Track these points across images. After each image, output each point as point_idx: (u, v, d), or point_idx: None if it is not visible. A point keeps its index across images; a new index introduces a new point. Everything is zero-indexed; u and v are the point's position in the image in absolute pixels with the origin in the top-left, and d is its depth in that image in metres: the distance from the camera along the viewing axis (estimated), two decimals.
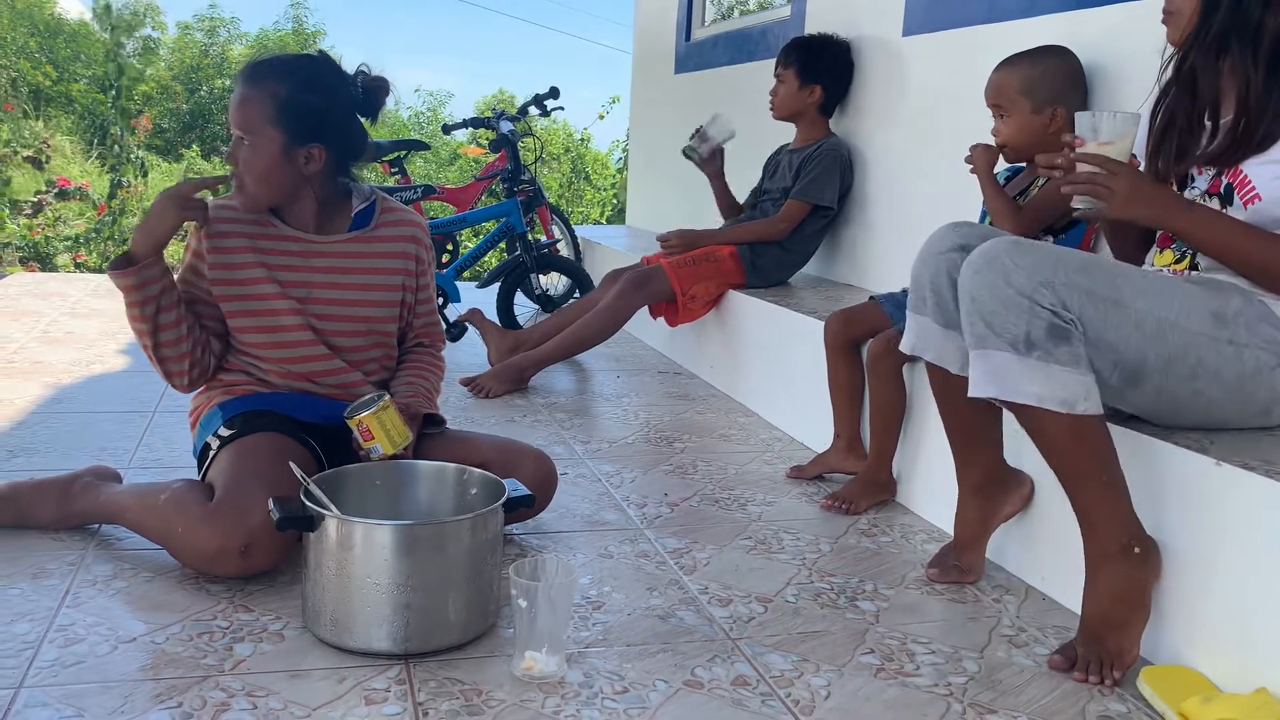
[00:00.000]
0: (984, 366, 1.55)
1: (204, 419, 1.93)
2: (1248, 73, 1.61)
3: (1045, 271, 1.51)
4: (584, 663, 1.52)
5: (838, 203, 3.29)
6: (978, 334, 1.55)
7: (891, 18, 3.19)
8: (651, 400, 3.16)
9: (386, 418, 1.76)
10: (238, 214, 1.91)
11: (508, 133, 4.14)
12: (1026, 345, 1.50)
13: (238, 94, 1.84)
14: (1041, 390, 1.50)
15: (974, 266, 1.57)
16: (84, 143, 13.17)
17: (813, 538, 2.07)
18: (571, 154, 12.24)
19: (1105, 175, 1.57)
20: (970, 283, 1.56)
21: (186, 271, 1.92)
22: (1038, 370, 1.50)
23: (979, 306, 1.54)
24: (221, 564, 1.67)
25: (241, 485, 1.71)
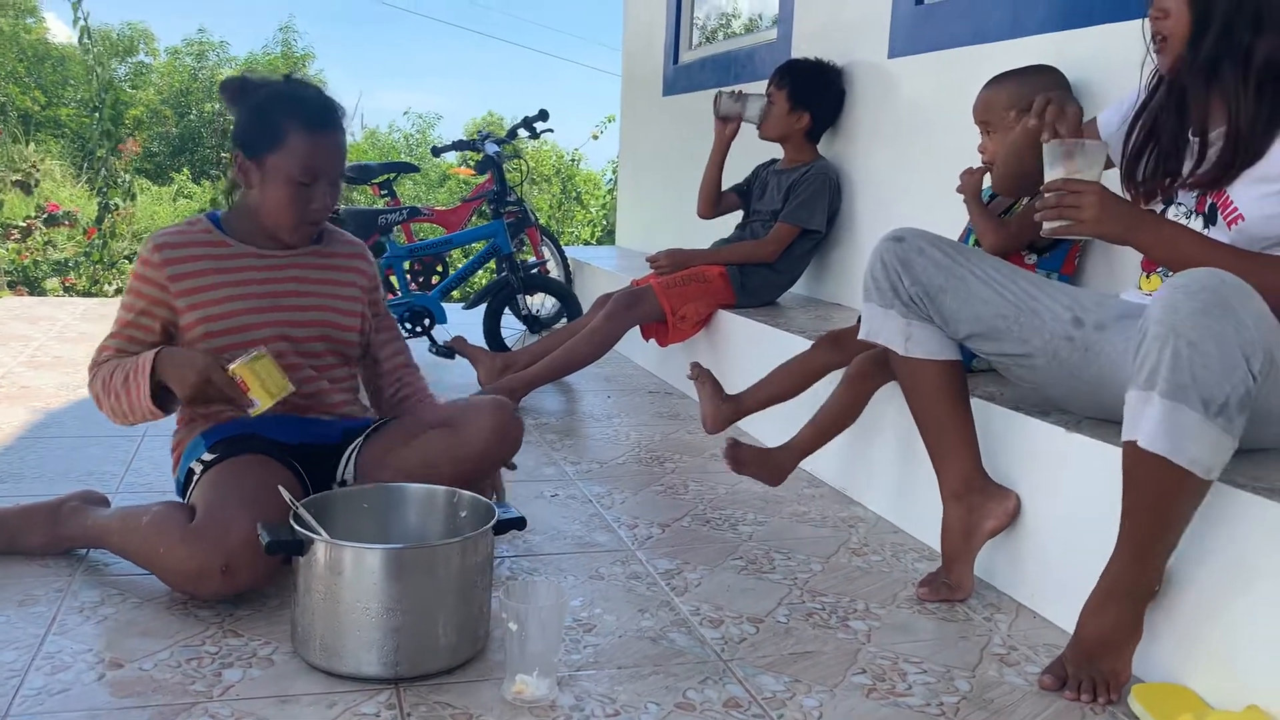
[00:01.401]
0: (1169, 421, 1.39)
1: (187, 448, 1.93)
2: (1237, 97, 1.61)
3: (1263, 327, 1.40)
4: (575, 686, 1.51)
5: (826, 225, 3.31)
6: (1178, 383, 1.37)
7: (877, 40, 3.21)
8: (642, 420, 3.16)
9: (260, 367, 1.75)
10: (192, 239, 1.92)
11: (493, 154, 4.16)
12: (1219, 411, 1.37)
13: (338, 138, 1.89)
14: (1200, 455, 1.39)
15: (1200, 304, 1.37)
16: (73, 167, 13.16)
17: (804, 557, 2.07)
18: (562, 175, 12.27)
19: (1073, 196, 1.59)
20: (1191, 324, 1.37)
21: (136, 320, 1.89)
22: (1212, 437, 1.38)
23: (1194, 353, 1.36)
24: (203, 584, 1.67)
25: (221, 505, 1.71)
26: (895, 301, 1.84)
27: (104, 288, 7.29)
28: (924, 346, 1.85)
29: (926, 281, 1.80)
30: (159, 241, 1.91)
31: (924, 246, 1.82)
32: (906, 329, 1.85)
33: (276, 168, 1.86)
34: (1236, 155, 1.63)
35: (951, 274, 1.80)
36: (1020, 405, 1.95)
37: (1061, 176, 1.61)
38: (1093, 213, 1.58)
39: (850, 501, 2.45)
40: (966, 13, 2.83)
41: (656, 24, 5.25)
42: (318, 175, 1.87)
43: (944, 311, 1.81)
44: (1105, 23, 2.30)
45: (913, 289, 1.82)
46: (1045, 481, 1.84)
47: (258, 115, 1.90)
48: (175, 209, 12.58)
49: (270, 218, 1.92)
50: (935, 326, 1.84)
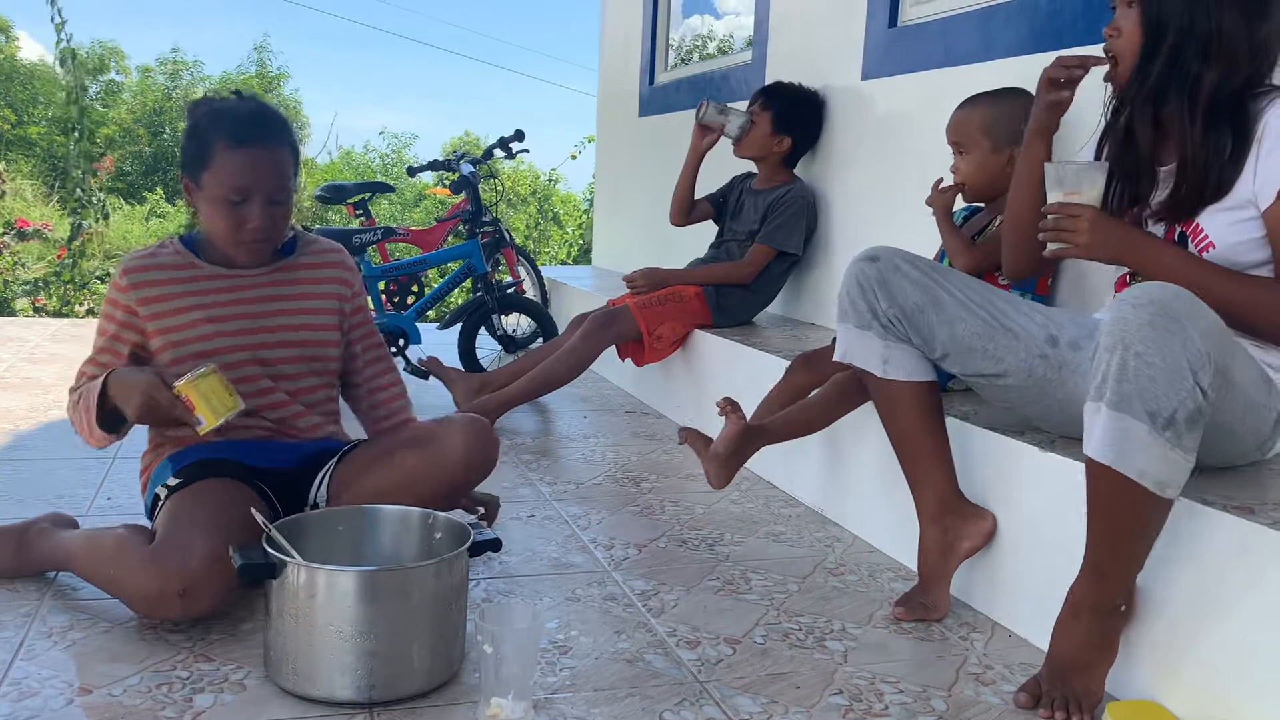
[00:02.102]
0: (1113, 430, 1.40)
1: (155, 472, 1.91)
2: (1184, 129, 1.64)
3: (1211, 341, 1.40)
4: (551, 709, 1.50)
5: (803, 247, 3.33)
6: (1124, 393, 1.38)
7: (851, 62, 3.24)
8: (618, 440, 3.16)
9: (205, 385, 1.72)
10: (161, 261, 1.91)
11: (469, 174, 4.16)
12: (1166, 424, 1.37)
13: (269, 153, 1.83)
14: (1148, 468, 1.39)
15: (1150, 318, 1.38)
16: (44, 186, 13.06)
17: (781, 578, 2.07)
18: (539, 196, 12.30)
19: (1069, 220, 1.60)
20: (1138, 336, 1.38)
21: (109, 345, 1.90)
22: (1160, 450, 1.38)
23: (1140, 364, 1.37)
24: (162, 607, 1.64)
25: (179, 530, 1.69)
26: (873, 323, 1.83)
27: (75, 308, 7.22)
28: (902, 369, 1.85)
29: (904, 301, 1.80)
30: (127, 265, 1.90)
31: (900, 265, 1.81)
32: (885, 351, 1.84)
33: (208, 187, 1.82)
34: (1189, 187, 1.65)
35: (928, 292, 1.80)
36: (995, 425, 1.96)
37: (1059, 200, 1.62)
38: (1085, 237, 1.60)
39: (827, 521, 2.45)
40: (939, 36, 2.86)
41: (632, 45, 5.28)
42: (248, 192, 1.81)
43: (922, 331, 1.81)
44: (1074, 46, 2.33)
45: (890, 310, 1.81)
46: (1020, 500, 1.85)
47: (191, 134, 1.86)
48: (148, 228, 12.50)
49: (214, 237, 1.90)
50: (913, 348, 1.84)
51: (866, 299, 1.83)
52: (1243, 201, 1.62)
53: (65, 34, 7.31)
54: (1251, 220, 1.62)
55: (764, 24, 3.86)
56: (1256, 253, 1.64)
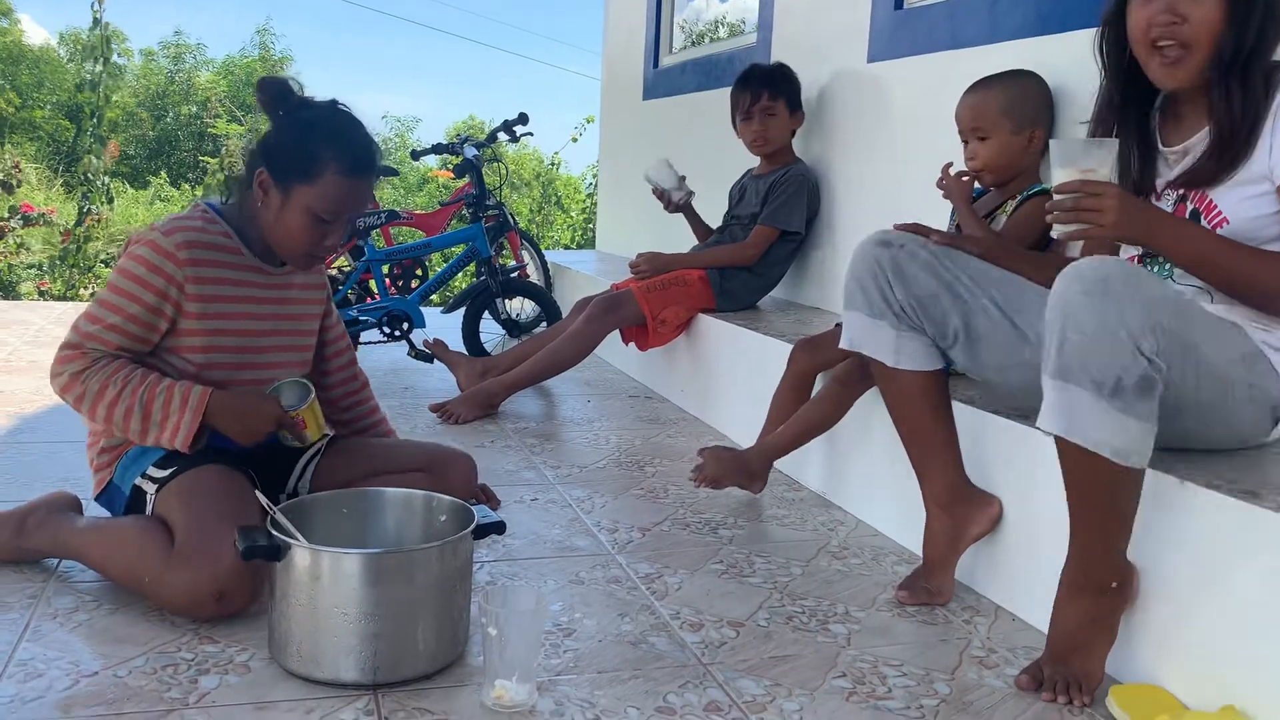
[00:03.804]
0: (1060, 400, 1.45)
1: (127, 458, 1.84)
2: (1250, 99, 1.59)
3: (1155, 312, 1.42)
4: (555, 691, 1.51)
5: (805, 227, 3.31)
6: (1064, 365, 1.43)
7: (856, 44, 3.23)
8: (622, 424, 3.16)
9: (316, 407, 1.88)
10: (215, 241, 1.83)
11: (472, 158, 4.15)
12: (1112, 392, 1.40)
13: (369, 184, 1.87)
14: (1104, 437, 1.42)
15: (1086, 288, 1.42)
16: (49, 170, 13.05)
17: (784, 561, 2.07)
18: (542, 179, 12.27)
19: (1092, 199, 1.51)
20: (1076, 305, 1.42)
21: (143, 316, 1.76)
22: (1112, 418, 1.41)
23: (1079, 336, 1.42)
24: (195, 611, 1.64)
25: (206, 528, 1.66)
26: (886, 312, 1.80)
27: (80, 292, 7.23)
28: (913, 359, 1.82)
29: (918, 290, 1.77)
30: (188, 238, 1.77)
31: (914, 249, 1.77)
32: (897, 341, 1.81)
33: (302, 198, 1.78)
34: (1225, 156, 1.62)
35: (941, 279, 1.77)
36: (999, 408, 1.96)
37: (1076, 177, 1.53)
38: (1113, 216, 1.51)
39: (830, 505, 2.45)
40: (945, 18, 2.84)
41: (636, 28, 5.25)
42: (340, 215, 1.82)
43: (935, 319, 1.79)
44: (1080, 29, 2.31)
45: (905, 299, 1.78)
46: (1025, 484, 1.85)
47: (298, 140, 1.79)
48: (152, 212, 12.49)
49: (277, 242, 1.85)
50: (925, 337, 1.81)
51: (879, 286, 1.80)
52: (1257, 176, 1.60)
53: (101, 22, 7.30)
54: (1266, 195, 1.61)
55: (769, 6, 3.84)
56: (1271, 228, 1.62)
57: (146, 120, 17.41)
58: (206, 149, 15.51)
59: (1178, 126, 1.72)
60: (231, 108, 14.93)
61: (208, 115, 15.35)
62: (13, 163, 8.01)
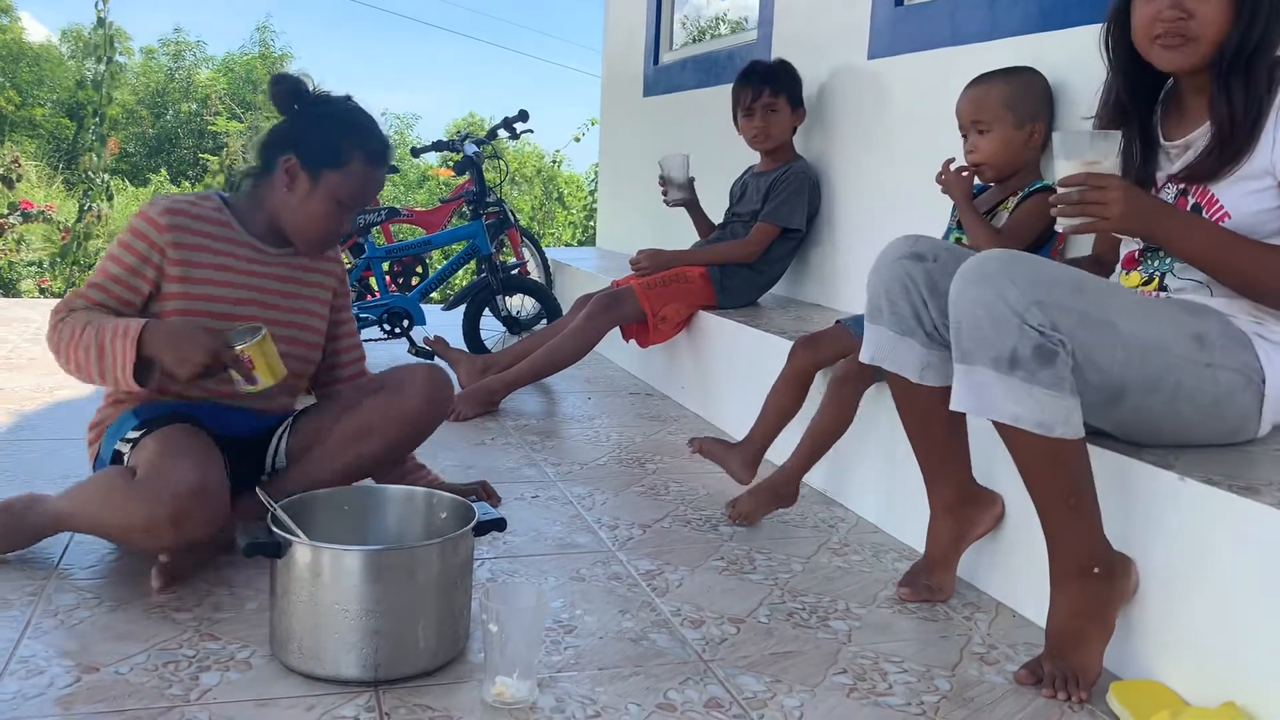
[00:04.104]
0: (966, 382, 1.52)
1: (112, 428, 1.89)
2: (1249, 91, 1.59)
3: (1039, 290, 1.48)
4: (555, 687, 1.51)
5: (806, 225, 3.31)
6: (964, 349, 1.52)
7: (857, 41, 3.22)
8: (623, 421, 3.16)
9: (266, 348, 1.77)
10: (203, 213, 1.91)
11: (472, 155, 4.15)
12: (1010, 364, 1.47)
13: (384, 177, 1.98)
14: (1020, 411, 1.47)
15: (967, 279, 1.52)
16: (49, 167, 13.05)
17: (784, 557, 2.07)
18: (543, 177, 12.27)
19: (1097, 192, 1.51)
20: (961, 296, 1.52)
21: (124, 277, 1.84)
22: (1018, 390, 1.47)
23: (968, 321, 1.50)
24: (153, 536, 1.66)
25: (163, 458, 1.71)
26: (917, 330, 1.75)
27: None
28: (939, 375, 1.75)
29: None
30: (171, 207, 1.88)
31: (949, 264, 1.69)
32: (925, 359, 1.76)
33: (329, 185, 1.89)
34: (1227, 152, 1.62)
35: None
36: None
37: (1080, 170, 1.52)
38: (1119, 209, 1.51)
39: (831, 502, 2.45)
40: (946, 14, 2.84)
41: (636, 25, 5.25)
42: (357, 204, 1.93)
43: None
44: (1081, 25, 2.31)
45: (940, 319, 1.72)
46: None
47: (326, 129, 1.91)
48: None
49: (296, 226, 1.93)
50: (950, 352, 1.76)
51: (910, 304, 1.74)
52: (1259, 171, 1.60)
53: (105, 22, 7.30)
54: (1268, 190, 1.61)
55: (769, 3, 3.83)
56: (1273, 223, 1.62)
57: (146, 118, 17.41)
58: (206, 146, 15.51)
59: (1180, 121, 1.72)
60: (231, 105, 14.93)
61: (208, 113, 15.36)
62: (12, 158, 8.01)
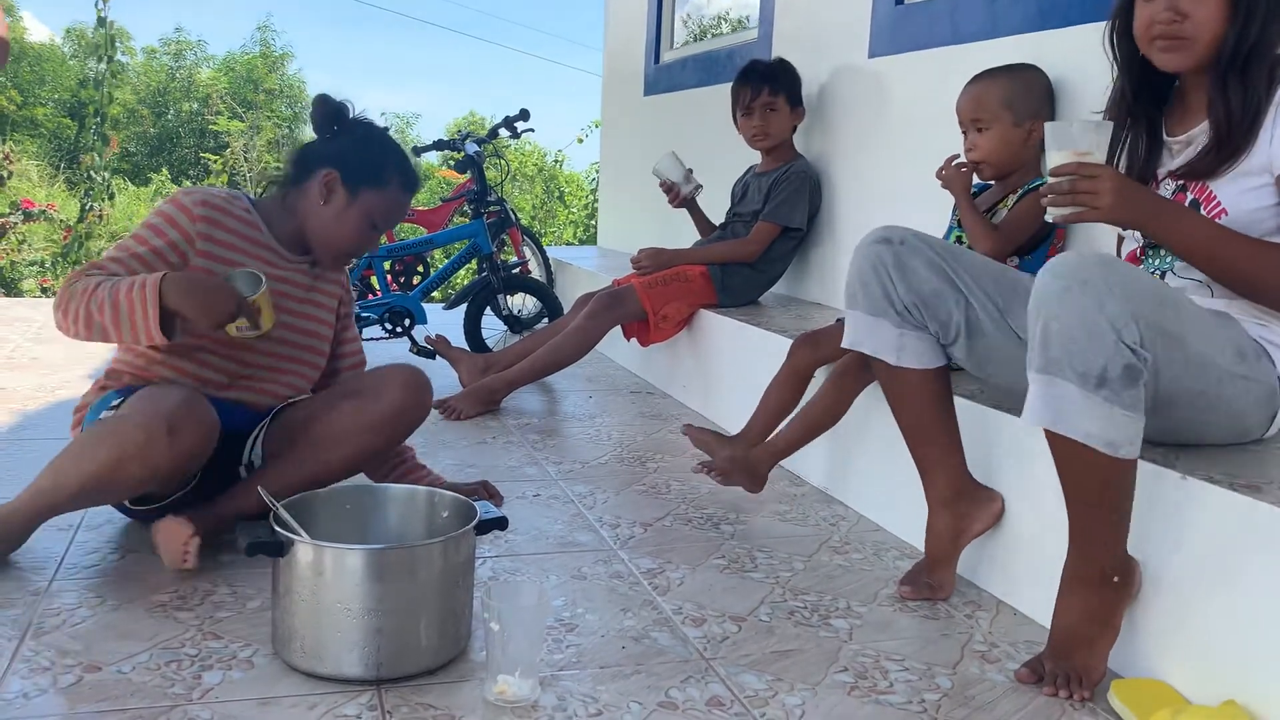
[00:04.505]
0: (1045, 395, 1.45)
1: (95, 405, 1.91)
2: (1248, 93, 1.59)
3: (1136, 302, 1.43)
4: (557, 686, 1.51)
5: (807, 224, 3.31)
6: (1050, 358, 1.43)
7: (858, 40, 3.22)
8: (624, 420, 3.16)
9: (266, 295, 1.83)
10: (234, 211, 1.94)
11: (473, 154, 4.15)
12: (1098, 382, 1.41)
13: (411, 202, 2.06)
14: (1093, 429, 1.42)
15: (1063, 283, 1.43)
16: (50, 167, 13.06)
17: (786, 556, 2.07)
18: (544, 175, 12.26)
19: (1088, 181, 1.51)
20: (1054, 300, 1.43)
21: (149, 256, 1.84)
22: (1099, 409, 1.42)
23: (1060, 329, 1.42)
24: (152, 452, 1.66)
25: (152, 392, 1.75)
26: (888, 310, 1.79)
27: None
28: (916, 356, 1.81)
29: (921, 287, 1.76)
30: (206, 198, 1.92)
31: (916, 246, 1.77)
32: (899, 340, 1.80)
33: (366, 203, 1.96)
34: (1223, 151, 1.62)
35: (944, 276, 1.77)
36: (1000, 403, 1.96)
37: (1071, 160, 1.53)
38: (1109, 199, 1.51)
39: (832, 500, 2.46)
40: (946, 13, 2.84)
41: (637, 24, 5.25)
42: (387, 225, 2.02)
43: (940, 316, 1.78)
44: (1081, 23, 2.32)
45: (907, 296, 1.77)
46: (1026, 479, 1.85)
47: (371, 151, 1.99)
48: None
49: (325, 238, 1.98)
50: (928, 334, 1.81)
51: (881, 284, 1.78)
52: (1258, 168, 1.60)
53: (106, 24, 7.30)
54: (1265, 187, 1.61)
55: (770, 2, 3.83)
56: (1270, 220, 1.62)
57: (148, 117, 17.42)
58: (208, 146, 15.52)
59: (1183, 117, 1.72)
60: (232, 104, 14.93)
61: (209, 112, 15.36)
62: (3, 154, 7.99)
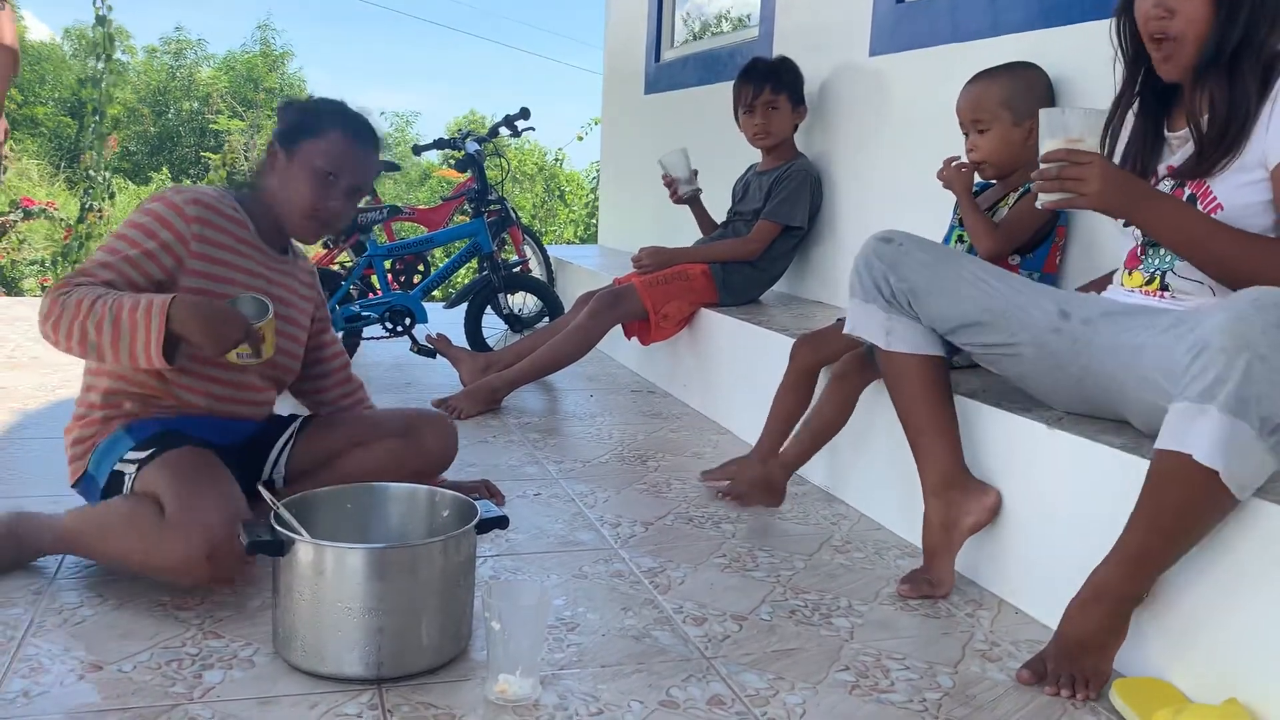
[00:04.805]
0: (1228, 436, 1.34)
1: (103, 447, 1.84)
2: (1244, 91, 1.59)
3: None
4: (558, 685, 1.51)
5: (808, 222, 3.31)
6: (1243, 398, 1.32)
7: (858, 38, 3.22)
8: (625, 419, 3.16)
9: (272, 323, 1.80)
10: (225, 210, 1.90)
11: (473, 153, 4.15)
12: (1273, 430, 1.34)
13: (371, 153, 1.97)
14: (1243, 473, 1.36)
15: (1275, 316, 1.32)
16: (50, 166, 13.06)
17: (787, 555, 2.07)
18: (545, 174, 12.26)
19: (1076, 168, 1.52)
20: (1265, 334, 1.32)
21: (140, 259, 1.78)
22: (1259, 455, 1.35)
23: (1266, 370, 1.31)
24: (188, 575, 1.65)
25: (192, 493, 1.69)
26: (877, 296, 1.87)
27: None
28: (906, 341, 1.87)
29: (913, 280, 1.82)
30: (198, 197, 1.86)
31: (912, 249, 1.84)
32: (887, 323, 1.87)
33: (306, 155, 1.89)
34: (1210, 149, 1.62)
35: (937, 275, 1.81)
36: (1002, 401, 1.96)
37: (1062, 146, 1.54)
38: (1096, 185, 1.52)
39: (833, 499, 2.45)
40: (947, 11, 2.84)
41: (638, 22, 5.25)
42: (341, 171, 1.90)
43: (929, 311, 1.83)
44: (1083, 21, 2.31)
45: (899, 286, 1.84)
46: (1028, 478, 1.85)
47: (306, 113, 1.95)
48: None
49: (285, 205, 1.92)
50: (918, 323, 1.86)
51: (873, 274, 1.86)
52: (1253, 164, 1.60)
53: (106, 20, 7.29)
54: (1261, 182, 1.61)
55: (770, 0, 3.83)
56: (1263, 217, 1.62)
57: (148, 116, 17.42)
58: (208, 144, 15.52)
59: (1183, 113, 1.72)
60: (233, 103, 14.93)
61: (209, 111, 15.37)
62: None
